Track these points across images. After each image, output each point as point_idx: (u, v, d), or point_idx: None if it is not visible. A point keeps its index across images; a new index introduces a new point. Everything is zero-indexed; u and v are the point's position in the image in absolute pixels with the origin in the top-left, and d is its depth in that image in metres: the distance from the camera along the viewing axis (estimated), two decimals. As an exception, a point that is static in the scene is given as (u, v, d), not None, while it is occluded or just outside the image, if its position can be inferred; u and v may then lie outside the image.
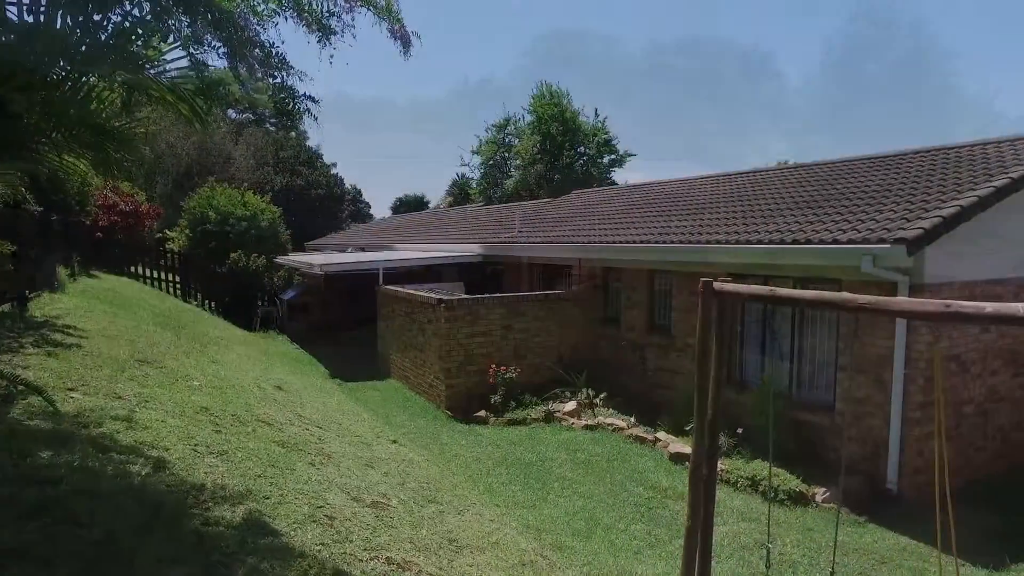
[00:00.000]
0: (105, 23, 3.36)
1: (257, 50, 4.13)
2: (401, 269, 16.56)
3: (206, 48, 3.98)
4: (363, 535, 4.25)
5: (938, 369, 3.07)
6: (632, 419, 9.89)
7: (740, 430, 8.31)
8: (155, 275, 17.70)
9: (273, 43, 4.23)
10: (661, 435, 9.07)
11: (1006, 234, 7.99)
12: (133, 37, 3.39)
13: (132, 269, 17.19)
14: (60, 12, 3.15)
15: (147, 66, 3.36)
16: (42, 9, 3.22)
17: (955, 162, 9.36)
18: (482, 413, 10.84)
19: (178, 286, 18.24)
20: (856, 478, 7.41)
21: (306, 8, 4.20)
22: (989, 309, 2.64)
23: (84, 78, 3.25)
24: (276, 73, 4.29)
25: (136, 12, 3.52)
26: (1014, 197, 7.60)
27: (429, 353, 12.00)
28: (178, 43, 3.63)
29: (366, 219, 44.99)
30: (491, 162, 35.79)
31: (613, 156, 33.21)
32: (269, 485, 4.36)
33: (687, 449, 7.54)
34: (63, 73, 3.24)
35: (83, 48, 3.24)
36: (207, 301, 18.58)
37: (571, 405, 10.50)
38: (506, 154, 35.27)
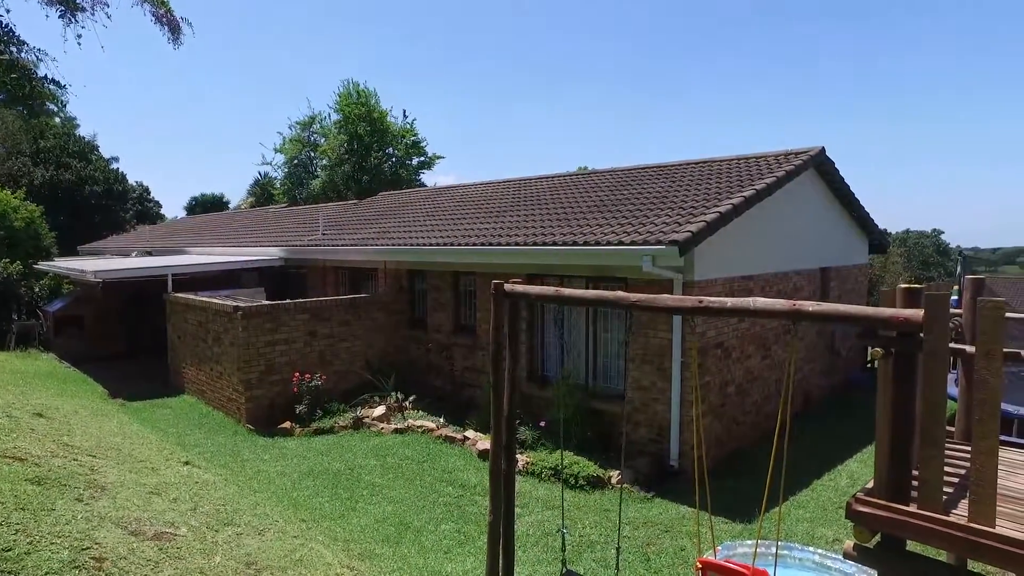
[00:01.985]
0: None
1: None
2: (195, 275, 15.20)
3: None
4: (141, 573, 3.84)
5: (694, 358, 3.46)
6: (442, 419, 9.99)
7: (543, 423, 8.75)
8: None
9: None
10: (470, 433, 9.26)
11: (756, 236, 9.28)
12: None
13: None
14: None
15: None
16: None
17: (721, 172, 10.65)
18: (287, 424, 10.30)
19: None
20: (645, 459, 8.15)
21: None
22: (730, 304, 3.04)
23: None
24: (1, 48, 3.62)
25: None
26: (760, 204, 8.84)
27: (226, 364, 11.15)
28: None
29: (156, 220, 40.57)
30: (295, 161, 34.16)
31: (422, 158, 33.28)
32: (14, 533, 3.76)
33: (494, 445, 7.79)
34: None
35: None
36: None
37: (380, 410, 10.34)
38: (312, 153, 33.85)
